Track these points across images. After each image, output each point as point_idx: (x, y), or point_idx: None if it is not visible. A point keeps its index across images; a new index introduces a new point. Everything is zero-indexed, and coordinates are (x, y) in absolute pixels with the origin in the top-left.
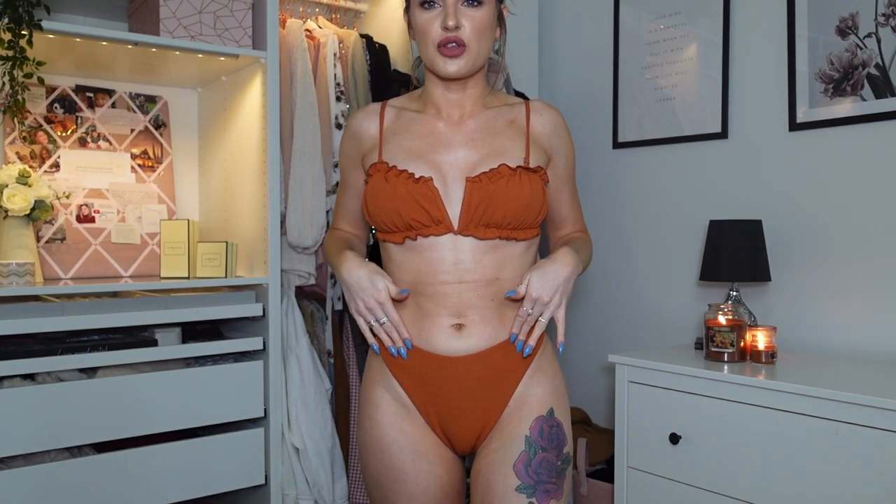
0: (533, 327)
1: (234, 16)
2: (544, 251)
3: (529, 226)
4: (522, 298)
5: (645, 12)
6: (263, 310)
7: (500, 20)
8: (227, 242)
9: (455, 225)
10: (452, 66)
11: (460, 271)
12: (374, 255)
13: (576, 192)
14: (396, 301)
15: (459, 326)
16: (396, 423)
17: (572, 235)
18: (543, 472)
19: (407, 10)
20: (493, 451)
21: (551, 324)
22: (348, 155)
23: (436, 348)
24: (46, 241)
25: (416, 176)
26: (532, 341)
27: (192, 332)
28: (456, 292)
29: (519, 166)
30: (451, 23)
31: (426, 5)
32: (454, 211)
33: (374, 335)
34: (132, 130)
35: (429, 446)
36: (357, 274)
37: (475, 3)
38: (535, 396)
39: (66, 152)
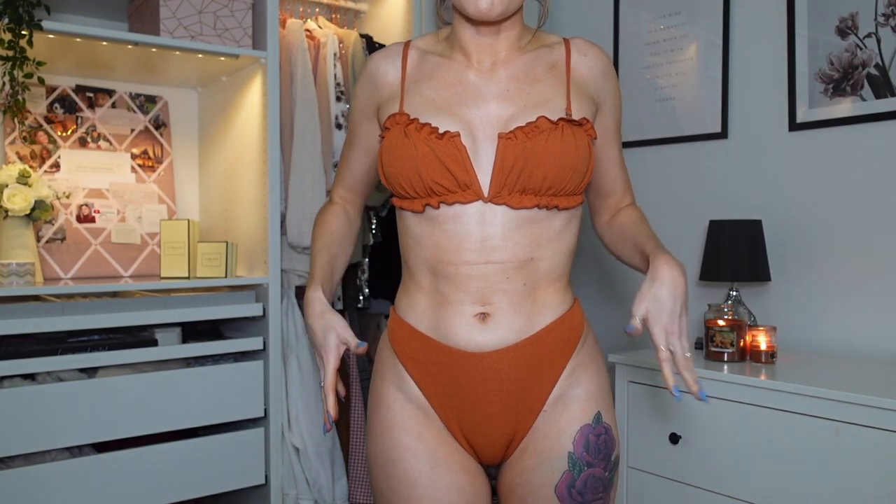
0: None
1: (234, 16)
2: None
3: (573, 191)
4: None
5: (645, 12)
6: (263, 310)
7: None
8: (227, 242)
9: (485, 191)
10: (485, 3)
11: (487, 249)
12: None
13: (621, 147)
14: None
15: (484, 316)
16: (412, 428)
17: (631, 217)
18: (589, 490)
19: None
20: (530, 468)
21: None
22: (361, 103)
23: (456, 342)
24: (46, 241)
25: (441, 131)
26: (693, 381)
27: (193, 332)
28: (481, 274)
29: (560, 118)
30: None
31: None
32: (484, 175)
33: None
34: (132, 130)
35: (449, 453)
36: (312, 325)
37: None
38: (578, 399)
39: (66, 152)
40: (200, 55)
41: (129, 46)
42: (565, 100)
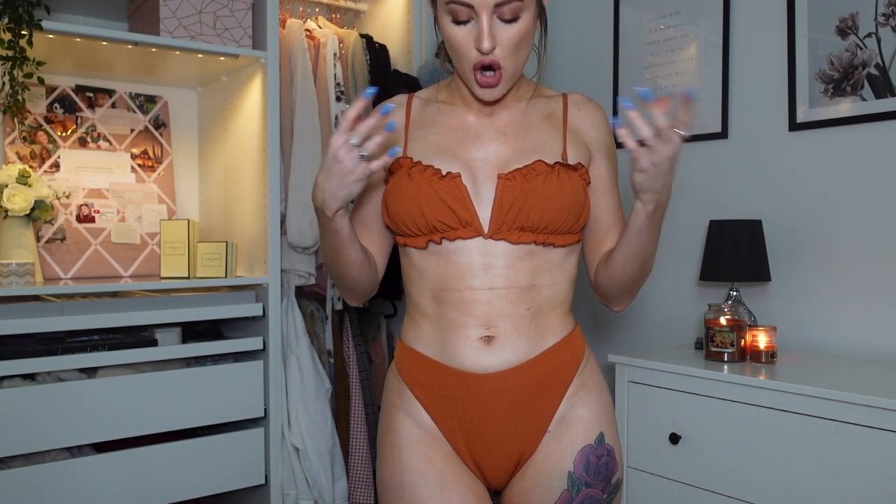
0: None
1: (234, 16)
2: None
3: (569, 230)
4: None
5: (645, 12)
6: (263, 310)
7: (542, 13)
8: (227, 242)
9: (485, 228)
10: (489, 95)
11: (491, 276)
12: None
13: (619, 200)
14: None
15: (489, 339)
16: (421, 451)
17: None
18: None
19: (433, 2)
20: (530, 488)
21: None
22: None
23: (463, 364)
24: (46, 241)
25: (443, 172)
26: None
27: (192, 332)
28: (486, 300)
29: (557, 163)
30: (486, 45)
31: (457, 22)
32: (484, 212)
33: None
34: (132, 130)
35: (458, 475)
36: (321, 176)
37: (511, 20)
38: (581, 420)
39: (66, 152)
40: (200, 55)
41: (129, 46)
42: (561, 145)
